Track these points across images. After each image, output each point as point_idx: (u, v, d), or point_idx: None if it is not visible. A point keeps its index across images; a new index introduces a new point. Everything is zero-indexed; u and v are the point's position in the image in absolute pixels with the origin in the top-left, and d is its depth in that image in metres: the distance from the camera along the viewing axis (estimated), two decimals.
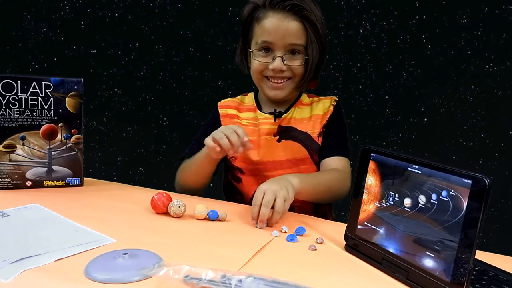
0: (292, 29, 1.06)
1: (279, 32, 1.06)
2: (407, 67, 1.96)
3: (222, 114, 1.20)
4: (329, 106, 1.18)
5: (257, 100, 1.21)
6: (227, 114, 1.20)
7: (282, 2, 1.05)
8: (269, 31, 1.07)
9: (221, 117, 1.19)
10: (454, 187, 0.60)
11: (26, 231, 0.76)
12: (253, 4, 1.10)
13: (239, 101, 1.23)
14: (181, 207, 0.88)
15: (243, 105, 1.22)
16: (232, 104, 1.22)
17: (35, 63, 2.01)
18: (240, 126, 1.03)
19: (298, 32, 1.07)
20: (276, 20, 1.06)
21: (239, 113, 1.20)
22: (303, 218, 0.95)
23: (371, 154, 0.74)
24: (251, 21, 1.11)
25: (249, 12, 1.10)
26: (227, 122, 1.18)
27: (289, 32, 1.06)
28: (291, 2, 1.05)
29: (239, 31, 1.16)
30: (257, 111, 1.19)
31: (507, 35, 1.87)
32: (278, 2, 1.05)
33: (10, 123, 1.00)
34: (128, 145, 2.10)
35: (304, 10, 1.06)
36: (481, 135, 1.95)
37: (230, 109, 1.21)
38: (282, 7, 1.05)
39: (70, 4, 1.98)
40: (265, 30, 1.07)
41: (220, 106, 1.22)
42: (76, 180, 1.07)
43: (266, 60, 1.09)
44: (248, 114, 1.20)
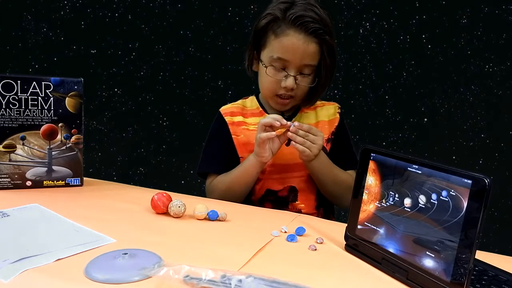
0: (310, 51, 1.06)
1: (297, 53, 1.06)
2: (407, 67, 1.96)
3: (229, 122, 1.18)
4: (334, 113, 1.20)
5: (261, 103, 1.21)
6: (234, 122, 1.18)
7: (305, 24, 1.04)
8: (287, 50, 1.06)
9: (229, 125, 1.18)
10: (454, 187, 0.60)
11: (26, 231, 0.76)
12: (273, 16, 1.07)
13: (242, 106, 1.22)
14: (181, 207, 0.88)
15: (246, 109, 1.21)
16: (236, 110, 1.20)
17: (35, 63, 2.01)
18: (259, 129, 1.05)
19: (315, 54, 1.07)
20: (296, 41, 1.05)
21: (245, 118, 1.19)
22: (303, 218, 0.95)
23: (371, 154, 0.74)
24: (267, 31, 1.09)
25: (267, 22, 1.08)
26: (235, 129, 1.17)
27: (306, 54, 1.06)
28: (314, 25, 1.04)
29: (251, 37, 1.14)
30: (265, 115, 1.18)
31: (507, 35, 1.88)
32: (301, 23, 1.04)
33: (10, 123, 1.00)
34: (128, 145, 2.10)
35: (325, 34, 1.05)
36: (481, 135, 1.95)
37: (235, 117, 1.19)
38: (305, 28, 1.04)
39: (70, 4, 1.98)
40: (283, 48, 1.06)
41: (224, 113, 1.20)
42: (76, 180, 1.07)
43: (279, 77, 1.09)
44: (254, 119, 1.19)
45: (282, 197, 1.15)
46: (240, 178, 1.11)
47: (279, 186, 1.15)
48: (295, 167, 1.14)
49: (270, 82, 1.10)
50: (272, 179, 1.15)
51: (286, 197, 1.15)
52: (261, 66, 1.12)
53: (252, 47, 1.14)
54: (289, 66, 1.07)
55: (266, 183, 1.16)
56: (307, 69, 1.08)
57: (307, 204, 1.16)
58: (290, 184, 1.15)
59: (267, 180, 1.15)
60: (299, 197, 1.16)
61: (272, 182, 1.15)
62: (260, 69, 1.14)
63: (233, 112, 1.20)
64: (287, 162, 1.13)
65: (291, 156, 1.11)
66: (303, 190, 1.16)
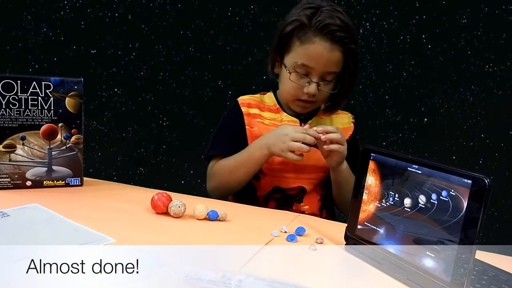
0: (335, 59, 1.07)
1: (322, 61, 1.06)
2: (407, 67, 1.96)
3: (245, 112, 1.17)
4: (348, 122, 1.22)
5: (278, 102, 1.21)
6: (250, 114, 1.18)
7: (332, 32, 1.04)
8: (312, 57, 1.06)
9: (244, 115, 1.17)
10: (454, 187, 0.60)
11: (26, 231, 0.76)
12: (299, 22, 1.07)
13: (259, 100, 1.21)
14: (181, 207, 0.88)
15: (264, 104, 1.21)
16: (253, 103, 1.20)
17: (35, 63, 2.00)
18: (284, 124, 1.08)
19: (339, 62, 1.08)
20: (322, 49, 1.05)
21: (261, 112, 1.19)
22: (303, 218, 0.95)
23: (371, 154, 0.74)
24: (292, 36, 1.09)
25: (292, 28, 1.08)
26: (250, 121, 1.17)
27: (331, 61, 1.06)
28: (340, 34, 1.04)
29: (275, 42, 1.13)
30: (281, 112, 1.18)
31: (507, 35, 1.88)
32: (328, 31, 1.04)
33: (10, 123, 1.00)
34: (128, 145, 2.10)
35: (350, 43, 1.05)
36: (481, 135, 1.95)
37: (252, 108, 1.18)
38: (331, 37, 1.04)
39: (70, 4, 1.98)
40: (308, 55, 1.06)
41: (241, 103, 1.19)
42: (76, 180, 1.07)
43: (302, 83, 1.09)
44: (270, 114, 1.19)
45: (289, 195, 1.15)
46: (242, 167, 1.10)
47: (289, 184, 1.15)
48: (308, 169, 1.15)
49: (292, 87, 1.11)
50: (283, 177, 1.15)
51: (294, 196, 1.16)
52: (284, 71, 1.12)
53: (275, 51, 1.14)
54: (313, 73, 1.08)
55: (274, 180, 1.15)
56: (330, 76, 1.09)
57: (311, 206, 1.16)
58: (301, 184, 1.16)
59: (276, 178, 1.15)
60: (305, 198, 1.16)
61: (281, 180, 1.15)
62: (282, 73, 1.14)
63: (250, 104, 1.19)
64: (301, 163, 1.11)
65: (306, 156, 1.09)
66: (310, 192, 1.16)
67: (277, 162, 1.13)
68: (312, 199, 1.17)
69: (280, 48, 1.13)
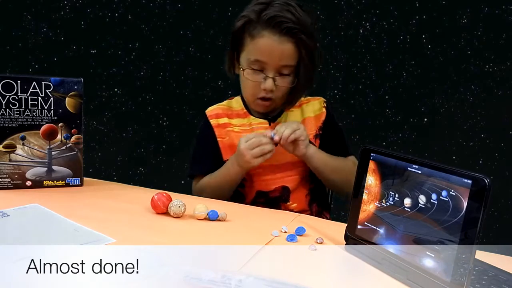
0: (287, 51, 1.05)
1: (273, 54, 1.05)
2: (407, 67, 1.96)
3: (214, 124, 1.18)
4: (320, 108, 1.19)
5: (245, 104, 1.19)
6: (219, 124, 1.18)
7: (279, 24, 1.03)
8: (263, 51, 1.05)
9: (214, 128, 1.18)
10: (454, 187, 0.60)
11: (26, 231, 0.76)
12: (247, 18, 1.07)
13: (227, 107, 1.21)
14: (181, 207, 0.88)
15: (232, 110, 1.20)
16: (221, 112, 1.20)
17: (35, 63, 2.00)
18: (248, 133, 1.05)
19: (292, 54, 1.06)
20: (271, 42, 1.04)
21: (230, 119, 1.18)
22: (303, 218, 0.95)
23: (371, 154, 0.74)
24: (243, 33, 1.09)
25: (242, 24, 1.08)
26: (220, 132, 1.17)
27: (283, 54, 1.05)
28: (288, 25, 1.03)
29: (229, 40, 1.14)
30: (249, 116, 1.17)
31: (507, 35, 1.87)
32: (275, 23, 1.03)
33: (10, 123, 1.00)
34: (128, 145, 2.10)
35: (300, 33, 1.04)
36: (481, 135, 1.95)
37: (221, 119, 1.18)
38: (279, 29, 1.03)
39: (70, 4, 1.98)
40: (259, 49, 1.06)
41: (209, 116, 1.20)
42: (76, 180, 1.07)
43: (258, 79, 1.08)
44: (239, 120, 1.18)
45: (273, 198, 1.15)
46: (224, 184, 1.12)
47: (270, 187, 1.15)
48: (287, 166, 1.14)
49: (250, 85, 1.10)
50: (262, 180, 1.14)
51: (278, 197, 1.14)
52: (241, 70, 1.11)
53: (231, 50, 1.14)
54: (267, 68, 1.07)
55: (256, 185, 1.15)
56: (286, 70, 1.08)
57: (299, 203, 1.15)
58: (283, 184, 1.14)
59: (257, 182, 1.15)
60: (291, 196, 1.15)
61: (262, 183, 1.15)
62: (240, 73, 1.13)
63: (218, 114, 1.19)
64: (278, 163, 1.12)
65: (281, 156, 1.10)
66: (295, 189, 1.15)
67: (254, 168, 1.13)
68: (299, 196, 1.16)
69: (234, 47, 1.13)
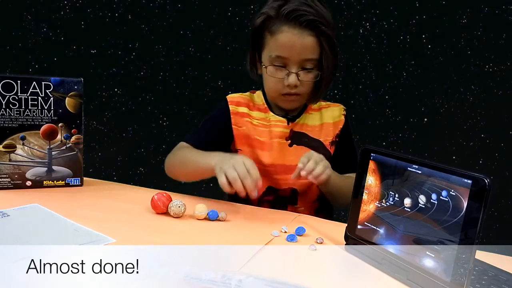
0: (308, 44, 1.04)
1: (294, 48, 1.03)
2: (407, 67, 1.96)
3: (232, 111, 1.16)
4: (339, 115, 1.18)
5: (266, 100, 1.18)
6: (238, 112, 1.16)
7: (298, 17, 1.02)
8: (284, 47, 1.04)
9: (232, 114, 1.15)
10: (454, 187, 0.60)
11: (26, 231, 0.76)
12: (266, 15, 1.06)
13: (249, 99, 1.19)
14: (181, 207, 0.88)
15: (254, 103, 1.19)
16: (242, 101, 1.18)
17: (35, 63, 2.00)
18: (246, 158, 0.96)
19: (313, 48, 1.04)
20: (291, 36, 1.03)
21: (250, 111, 1.17)
22: (303, 218, 0.95)
23: (371, 154, 0.74)
24: (263, 31, 1.08)
25: (261, 22, 1.07)
26: (237, 120, 1.15)
27: (304, 48, 1.04)
28: (308, 17, 1.01)
29: (250, 39, 1.12)
30: (269, 112, 1.16)
31: (507, 35, 1.87)
32: (294, 17, 1.02)
33: (10, 123, 1.00)
34: (128, 145, 2.10)
35: (321, 25, 1.03)
36: (481, 135, 1.95)
37: (241, 107, 1.16)
38: (299, 22, 1.02)
39: (70, 4, 1.98)
40: (280, 45, 1.04)
41: (230, 101, 1.17)
42: (76, 180, 1.07)
43: (281, 76, 1.07)
44: (259, 114, 1.17)
45: (282, 197, 1.14)
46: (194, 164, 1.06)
47: (280, 186, 1.14)
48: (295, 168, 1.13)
49: (273, 82, 1.09)
50: (274, 178, 1.14)
51: (287, 198, 1.14)
52: (263, 68, 1.10)
53: (252, 50, 1.13)
54: (289, 63, 1.05)
55: (268, 180, 1.13)
56: (309, 64, 1.06)
57: (307, 208, 1.15)
58: (292, 186, 1.14)
59: (268, 178, 1.13)
60: (299, 200, 1.14)
61: (273, 180, 1.14)
62: (263, 70, 1.12)
63: (239, 102, 1.17)
64: (290, 163, 1.10)
65: (294, 157, 1.09)
66: (304, 194, 1.14)
67: (266, 163, 1.12)
68: (308, 201, 1.15)
69: (255, 46, 1.12)
